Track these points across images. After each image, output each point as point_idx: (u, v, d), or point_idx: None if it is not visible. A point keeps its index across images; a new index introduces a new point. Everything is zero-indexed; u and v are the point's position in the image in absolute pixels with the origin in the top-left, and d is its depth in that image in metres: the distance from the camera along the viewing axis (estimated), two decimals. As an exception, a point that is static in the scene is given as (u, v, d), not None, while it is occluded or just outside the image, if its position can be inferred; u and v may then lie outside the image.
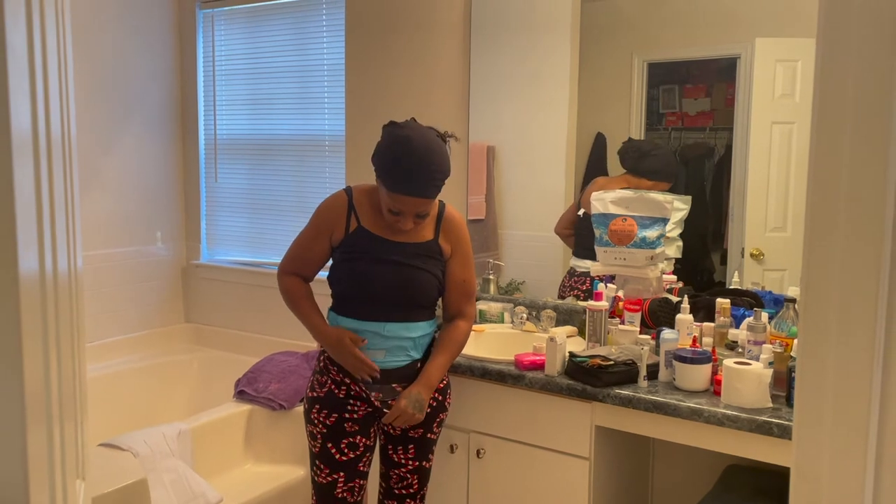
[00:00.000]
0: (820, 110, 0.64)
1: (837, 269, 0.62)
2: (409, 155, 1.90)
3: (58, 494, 0.76)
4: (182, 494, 2.48)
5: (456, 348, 2.13)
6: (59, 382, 0.83)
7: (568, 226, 2.78)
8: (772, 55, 2.44)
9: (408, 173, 1.90)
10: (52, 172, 0.85)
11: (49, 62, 0.86)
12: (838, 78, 0.63)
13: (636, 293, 2.47)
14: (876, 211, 0.60)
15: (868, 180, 0.61)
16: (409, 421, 2.03)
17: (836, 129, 0.63)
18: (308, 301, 2.13)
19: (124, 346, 3.59)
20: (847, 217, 0.62)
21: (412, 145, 1.90)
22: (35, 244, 0.71)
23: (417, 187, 1.92)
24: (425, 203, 1.95)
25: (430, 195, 1.95)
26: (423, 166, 1.90)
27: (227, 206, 3.79)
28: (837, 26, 0.63)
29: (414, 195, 1.92)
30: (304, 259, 2.13)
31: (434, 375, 2.07)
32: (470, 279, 2.16)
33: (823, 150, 0.63)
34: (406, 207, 1.95)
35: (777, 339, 2.06)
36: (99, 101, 3.46)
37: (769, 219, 2.49)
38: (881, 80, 0.60)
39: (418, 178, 1.91)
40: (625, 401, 2.05)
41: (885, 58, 0.60)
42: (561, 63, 2.75)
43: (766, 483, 2.21)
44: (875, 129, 0.60)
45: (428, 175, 1.91)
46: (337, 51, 3.33)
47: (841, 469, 0.62)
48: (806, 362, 0.64)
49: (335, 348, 2.03)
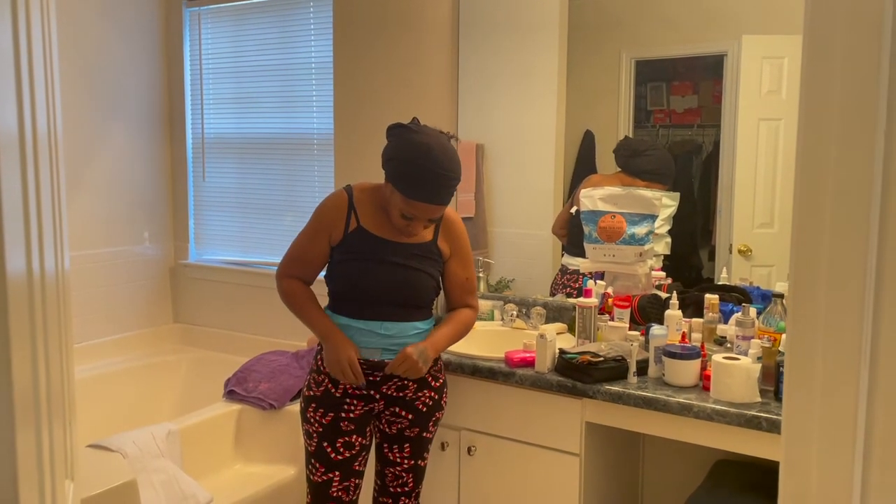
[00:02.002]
0: (806, 105, 0.65)
1: (825, 263, 0.63)
2: (431, 164, 1.90)
3: (47, 495, 0.75)
4: (172, 495, 2.47)
5: (462, 328, 2.13)
6: (48, 383, 0.83)
7: (563, 225, 2.78)
8: (758, 52, 2.45)
9: (429, 182, 1.91)
10: (38, 171, 0.85)
11: (35, 60, 0.85)
12: (824, 72, 0.63)
13: (625, 290, 2.48)
14: (862, 206, 0.61)
15: (855, 175, 0.61)
16: (411, 371, 2.00)
17: (823, 124, 0.63)
18: (313, 304, 2.09)
19: (112, 347, 3.57)
20: (834, 212, 0.63)
21: (433, 154, 1.90)
22: (22, 244, 0.71)
23: (437, 195, 1.93)
24: (441, 209, 1.98)
25: (447, 202, 1.98)
26: (443, 175, 1.91)
27: (215, 206, 3.77)
28: (823, 22, 0.63)
29: (433, 203, 1.94)
30: (303, 260, 2.11)
31: (441, 340, 2.07)
32: (471, 276, 2.18)
33: (810, 145, 0.63)
34: (421, 213, 1.96)
35: (765, 335, 2.07)
36: (85, 99, 3.43)
37: (756, 215, 2.51)
38: (867, 74, 0.61)
39: (438, 187, 1.92)
40: (615, 397, 2.06)
41: (871, 52, 0.61)
42: (549, 61, 2.76)
43: (755, 477, 2.23)
44: (861, 125, 0.61)
45: (447, 183, 1.93)
46: (325, 49, 3.32)
47: (829, 463, 0.62)
48: (794, 356, 0.65)
49: (337, 358, 2.00)
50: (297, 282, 2.12)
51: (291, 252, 2.13)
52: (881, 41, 0.60)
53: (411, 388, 2.09)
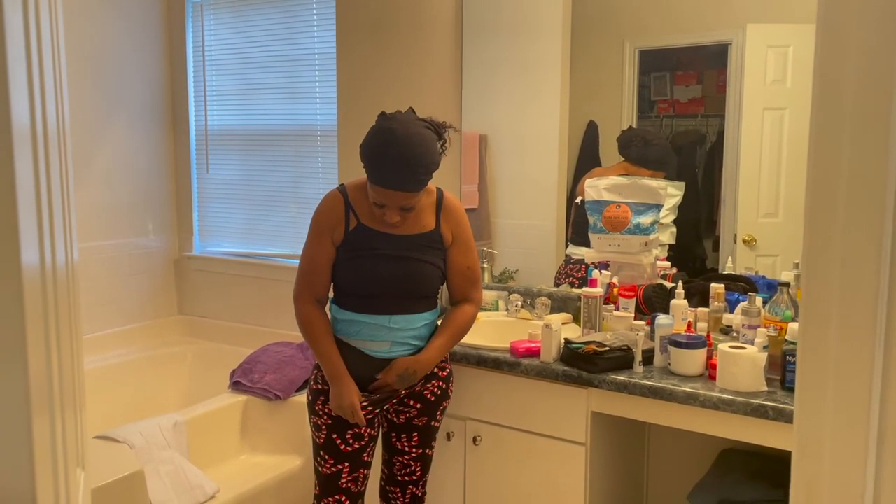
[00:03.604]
0: (820, 94, 0.64)
1: (839, 250, 0.63)
2: (390, 147, 1.88)
3: (60, 482, 0.76)
4: (179, 486, 2.48)
5: (458, 331, 2.13)
6: (60, 373, 0.83)
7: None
8: (763, 41, 2.44)
9: (388, 167, 1.89)
10: (49, 164, 0.85)
11: (44, 51, 0.85)
12: (838, 59, 0.63)
13: (630, 279, 2.48)
14: (876, 194, 0.61)
15: (868, 163, 0.61)
16: (398, 383, 2.05)
17: (836, 112, 0.63)
18: (327, 339, 2.07)
19: (118, 339, 3.58)
20: (847, 200, 0.62)
21: (394, 137, 1.89)
22: (35, 237, 0.71)
23: (397, 181, 1.90)
24: (407, 197, 1.94)
25: (410, 189, 1.93)
26: (402, 160, 1.88)
27: (219, 198, 3.77)
28: (837, 11, 0.63)
29: (393, 188, 1.91)
30: (315, 272, 2.08)
31: (431, 356, 2.07)
32: (474, 265, 2.15)
33: (823, 129, 0.63)
34: (388, 200, 1.94)
35: (771, 323, 2.07)
36: (89, 91, 3.43)
37: (761, 205, 2.50)
38: (881, 62, 0.60)
39: (398, 172, 1.89)
40: (620, 386, 2.06)
41: (886, 41, 0.60)
42: (552, 51, 2.75)
43: (760, 466, 2.23)
44: (876, 107, 0.60)
45: (408, 169, 1.89)
46: (328, 40, 3.31)
47: (842, 448, 0.62)
48: (807, 340, 0.65)
49: (340, 404, 2.02)
50: (316, 310, 2.08)
51: (302, 266, 2.10)
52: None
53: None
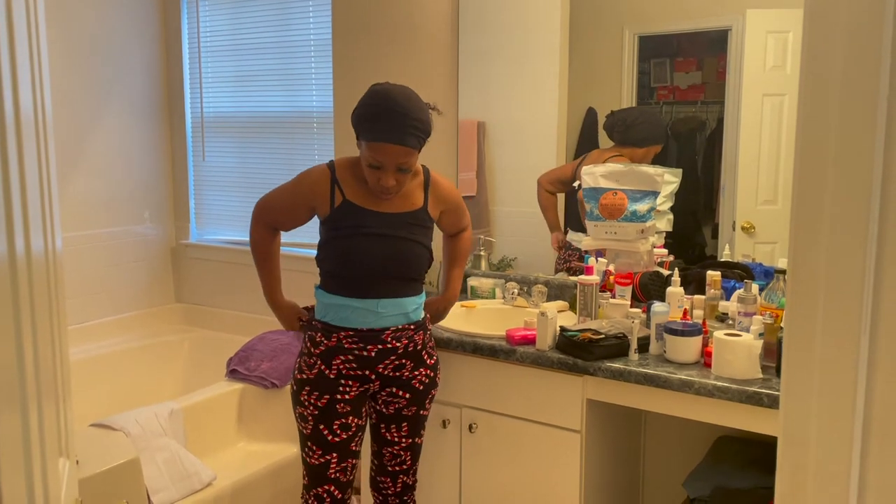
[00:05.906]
0: (806, 81, 0.63)
1: (825, 238, 0.61)
2: (387, 100, 1.90)
3: (36, 474, 0.75)
4: (175, 473, 2.48)
5: (466, 256, 2.35)
6: (36, 363, 0.82)
7: (553, 182, 2.75)
8: (763, 26, 2.41)
9: (386, 120, 1.89)
10: (21, 150, 0.83)
11: (17, 33, 0.83)
12: (825, 46, 0.61)
13: (627, 267, 2.46)
14: (863, 182, 0.59)
15: (855, 152, 0.60)
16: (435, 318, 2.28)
17: (823, 100, 0.61)
18: (273, 261, 2.19)
19: (115, 327, 3.57)
20: (834, 187, 0.61)
21: (391, 95, 1.92)
22: (2, 225, 0.69)
23: (397, 134, 1.89)
24: (406, 153, 1.92)
25: (410, 144, 1.92)
26: (401, 113, 1.90)
27: (216, 185, 3.76)
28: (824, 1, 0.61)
29: (393, 142, 1.90)
30: (280, 213, 2.14)
31: (456, 288, 2.30)
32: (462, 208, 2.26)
33: (811, 113, 0.61)
34: (386, 158, 1.92)
35: (767, 311, 2.06)
36: (82, 79, 3.40)
37: (760, 192, 2.48)
38: (868, 50, 0.59)
39: (398, 125, 1.89)
40: (616, 374, 2.05)
41: (872, 29, 0.59)
42: (551, 37, 2.72)
43: (756, 453, 2.23)
44: (863, 93, 0.59)
45: (407, 122, 1.90)
46: (324, 27, 3.28)
47: (828, 434, 0.61)
48: (793, 327, 0.64)
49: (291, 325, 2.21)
50: (268, 232, 2.16)
51: (272, 201, 2.14)
52: (884, 12, 0.58)
53: (408, 366, 2.09)
